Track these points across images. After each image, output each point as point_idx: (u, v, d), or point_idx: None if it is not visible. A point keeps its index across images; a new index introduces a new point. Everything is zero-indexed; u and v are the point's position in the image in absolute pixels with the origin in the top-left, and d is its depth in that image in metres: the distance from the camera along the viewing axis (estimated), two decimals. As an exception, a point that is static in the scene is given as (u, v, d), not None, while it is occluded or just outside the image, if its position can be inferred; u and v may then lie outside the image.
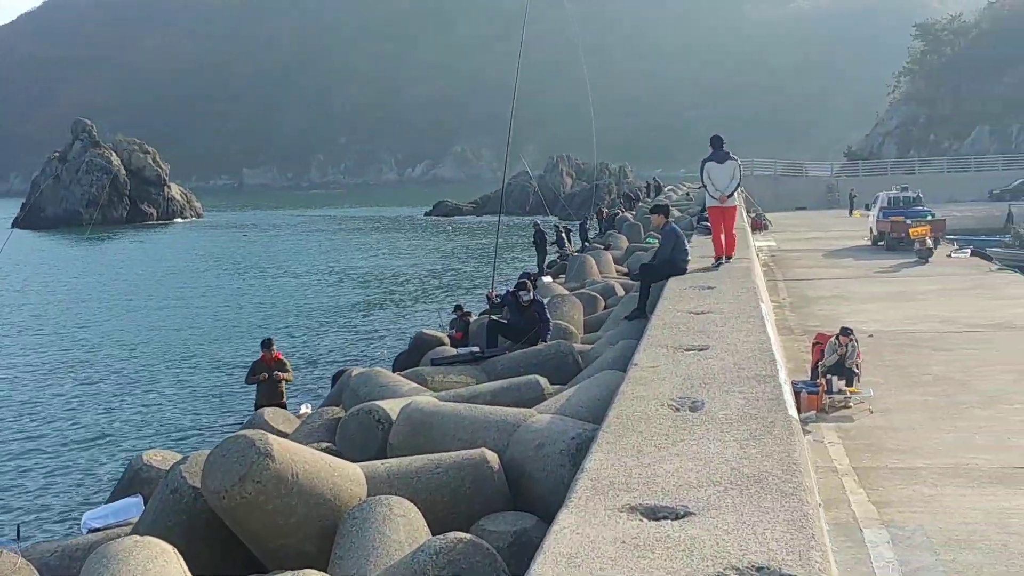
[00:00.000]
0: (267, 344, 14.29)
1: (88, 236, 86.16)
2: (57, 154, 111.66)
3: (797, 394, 13.11)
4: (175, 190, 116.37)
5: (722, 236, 14.98)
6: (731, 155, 14.90)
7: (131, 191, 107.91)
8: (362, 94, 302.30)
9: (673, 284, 11.39)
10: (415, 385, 9.97)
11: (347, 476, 6.85)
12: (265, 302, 38.01)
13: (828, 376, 13.63)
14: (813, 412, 13.09)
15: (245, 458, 6.37)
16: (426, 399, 8.54)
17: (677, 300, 10.04)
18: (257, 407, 14.08)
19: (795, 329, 19.65)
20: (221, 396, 21.48)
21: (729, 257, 14.81)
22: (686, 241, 12.92)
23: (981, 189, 61.30)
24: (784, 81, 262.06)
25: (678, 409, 5.53)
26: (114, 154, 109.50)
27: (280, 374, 14.05)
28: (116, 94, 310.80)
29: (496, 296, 14.77)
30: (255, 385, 14.15)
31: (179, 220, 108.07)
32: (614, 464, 4.61)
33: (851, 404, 13.47)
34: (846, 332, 14.07)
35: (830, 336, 14.36)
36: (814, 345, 14.74)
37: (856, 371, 13.96)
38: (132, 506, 8.17)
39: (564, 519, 3.95)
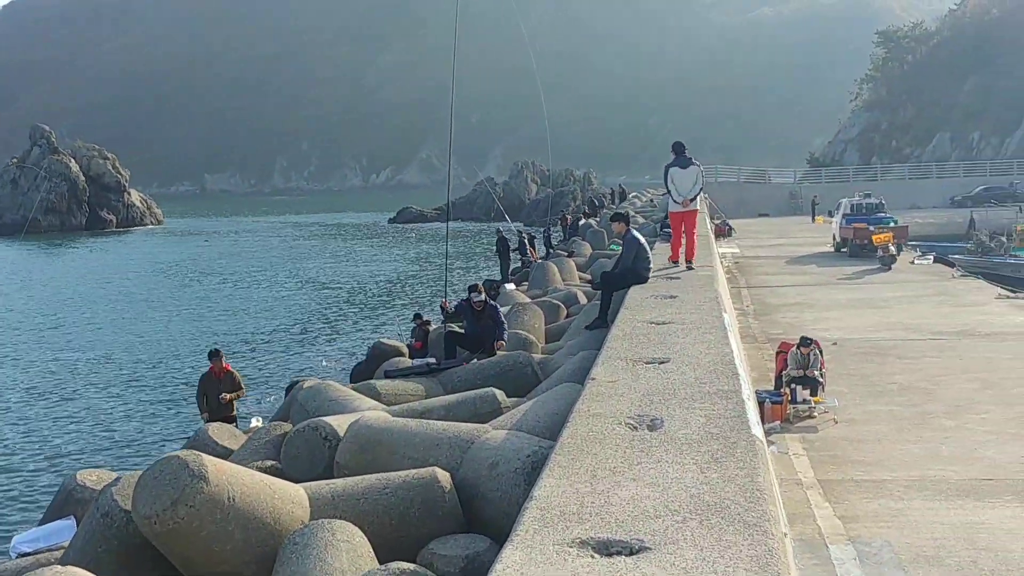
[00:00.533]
0: (215, 355, 13.71)
1: (45, 243, 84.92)
2: (15, 160, 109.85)
3: (761, 404, 12.88)
4: (135, 196, 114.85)
5: (682, 240, 15.30)
6: (694, 160, 15.29)
7: (90, 198, 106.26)
8: (326, 99, 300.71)
9: (635, 293, 11.07)
10: (367, 399, 9.57)
11: (289, 498, 6.48)
12: (221, 310, 37.09)
13: (792, 386, 13.41)
14: (777, 423, 12.87)
15: (177, 481, 5.99)
16: (376, 414, 8.17)
17: (638, 310, 9.73)
18: (206, 421, 13.64)
19: (759, 337, 19.47)
20: (170, 410, 20.55)
21: (690, 262, 14.91)
22: (648, 249, 12.60)
23: (942, 195, 61.81)
24: (748, 88, 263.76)
25: (636, 428, 5.21)
26: (73, 160, 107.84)
27: (227, 396, 13.47)
28: (76, 98, 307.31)
29: (450, 306, 14.42)
30: (205, 399, 13.64)
31: (139, 227, 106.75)
32: (566, 491, 4.27)
33: (816, 414, 13.26)
34: (806, 343, 13.85)
35: (794, 345, 14.15)
36: (778, 354, 14.54)
37: (820, 380, 13.77)
38: (64, 529, 7.73)
39: (508, 557, 3.61)
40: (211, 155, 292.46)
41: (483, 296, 12.97)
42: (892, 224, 33.66)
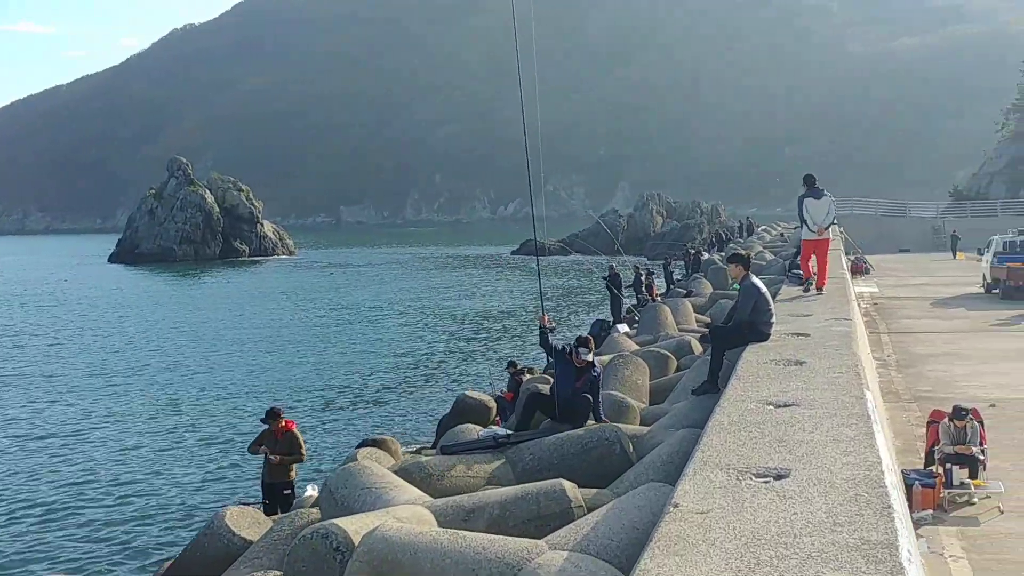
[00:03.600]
0: (273, 416, 12.01)
1: (175, 272, 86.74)
2: (152, 191, 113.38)
3: (909, 488, 10.63)
4: (268, 228, 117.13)
5: (811, 263, 16.58)
6: (825, 192, 16.41)
7: (224, 228, 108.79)
8: (457, 133, 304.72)
9: (751, 356, 9.00)
10: (410, 488, 7.77)
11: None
12: (315, 348, 35.38)
13: (947, 465, 11.06)
14: (929, 511, 10.56)
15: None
16: (403, 518, 6.39)
17: (753, 381, 7.69)
18: (263, 484, 12.10)
19: (903, 395, 17.00)
20: (232, 466, 18.40)
21: (820, 288, 16.16)
22: (771, 300, 10.47)
23: (1099, 233, 56.99)
24: (886, 119, 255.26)
25: (728, 618, 3.31)
26: (208, 192, 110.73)
27: (276, 457, 11.73)
28: (218, 133, 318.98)
29: (551, 322, 11.67)
30: (264, 456, 12.05)
31: (270, 258, 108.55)
32: None
33: (975, 500, 10.91)
34: (961, 414, 11.37)
35: (946, 414, 11.74)
36: (928, 424, 12.12)
37: (981, 458, 11.33)
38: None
39: None
40: (346, 188, 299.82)
41: (592, 355, 10.81)
42: (1053, 264, 30.27)
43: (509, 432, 9.44)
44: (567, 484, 7.07)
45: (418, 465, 8.43)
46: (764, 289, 10.21)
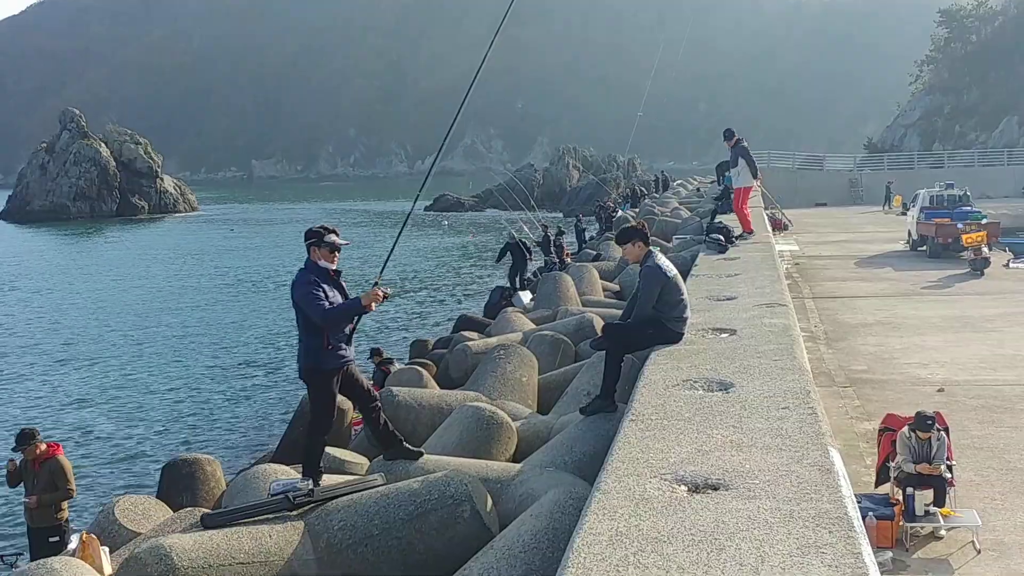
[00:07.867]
0: (24, 439, 9.04)
1: (68, 231, 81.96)
2: (44, 145, 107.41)
3: (861, 519, 8.24)
4: (168, 183, 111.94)
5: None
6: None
7: (121, 183, 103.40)
8: (371, 87, 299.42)
9: (656, 372, 6.37)
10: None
11: None
12: (177, 325, 30.75)
13: (907, 489, 8.66)
14: (888, 551, 8.18)
15: None
16: None
17: (656, 423, 5.07)
18: (28, 529, 9.22)
19: (836, 377, 14.68)
20: None
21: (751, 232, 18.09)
22: (682, 286, 7.71)
23: (1015, 184, 56.31)
24: (799, 72, 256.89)
25: None
26: (103, 145, 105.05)
27: (33, 500, 8.85)
28: (123, 86, 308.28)
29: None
30: (22, 488, 9.17)
31: (171, 214, 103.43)
32: None
33: (943, 532, 8.57)
34: (926, 424, 8.82)
35: (905, 421, 9.29)
36: (881, 433, 9.65)
37: (948, 476, 8.93)
38: None
39: None
40: (258, 142, 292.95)
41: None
42: (984, 220, 28.41)
43: (311, 486, 6.55)
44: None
45: (156, 553, 5.50)
46: (673, 272, 7.48)
